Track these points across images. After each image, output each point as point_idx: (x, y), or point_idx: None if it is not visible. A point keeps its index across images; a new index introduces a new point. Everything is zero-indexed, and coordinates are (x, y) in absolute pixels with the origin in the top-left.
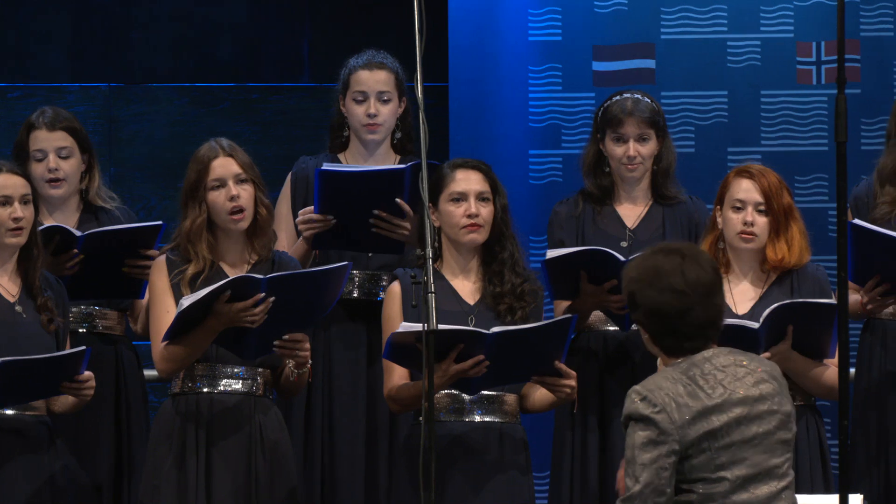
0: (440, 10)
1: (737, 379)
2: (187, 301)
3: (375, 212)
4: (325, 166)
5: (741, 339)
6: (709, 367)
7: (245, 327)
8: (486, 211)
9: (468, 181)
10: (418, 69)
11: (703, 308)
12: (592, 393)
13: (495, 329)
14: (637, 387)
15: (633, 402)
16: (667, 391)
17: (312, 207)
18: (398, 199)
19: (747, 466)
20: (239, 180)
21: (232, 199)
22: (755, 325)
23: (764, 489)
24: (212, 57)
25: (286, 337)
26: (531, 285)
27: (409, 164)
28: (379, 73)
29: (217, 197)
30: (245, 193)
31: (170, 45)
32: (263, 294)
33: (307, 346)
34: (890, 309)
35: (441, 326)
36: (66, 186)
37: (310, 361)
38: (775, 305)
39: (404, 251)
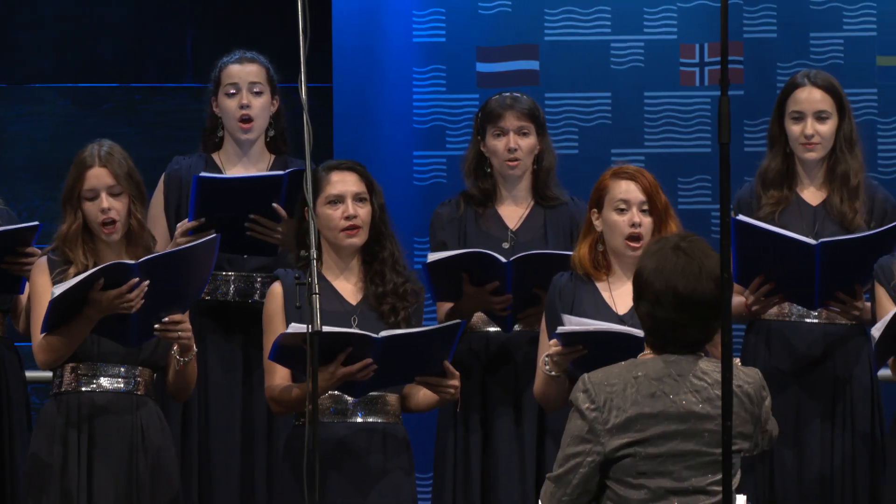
0: (324, 12)
1: (691, 391)
2: (59, 289)
3: (251, 216)
4: (204, 174)
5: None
6: (672, 371)
7: (124, 315)
8: (363, 212)
9: (344, 183)
10: (302, 70)
11: (699, 329)
12: (475, 393)
13: (384, 333)
14: (588, 375)
15: (577, 390)
16: (611, 389)
17: (187, 220)
18: (274, 204)
19: (672, 480)
20: (112, 193)
21: (103, 211)
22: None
23: None
24: (95, 57)
25: (165, 319)
26: (413, 285)
27: (287, 171)
28: (250, 66)
29: (90, 207)
30: (117, 205)
31: (53, 46)
32: (137, 279)
33: (188, 325)
34: (774, 309)
35: (329, 329)
36: None
37: (195, 348)
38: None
39: (278, 254)
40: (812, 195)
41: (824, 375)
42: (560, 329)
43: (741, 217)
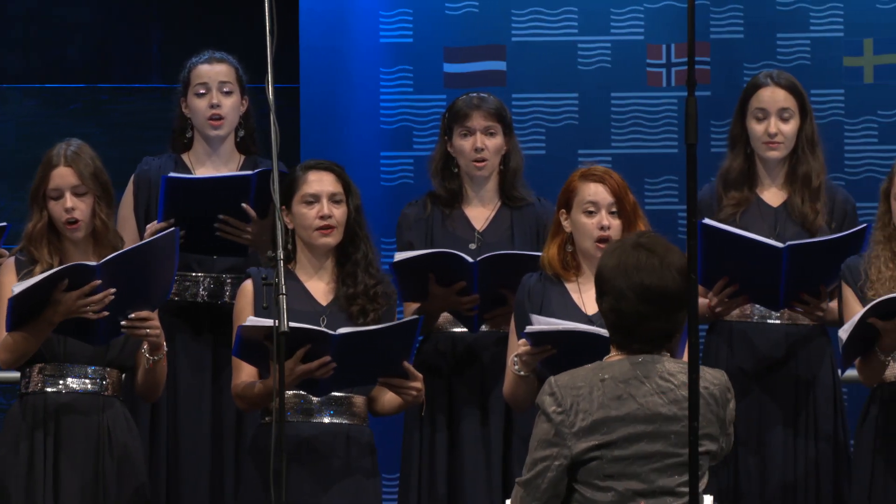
0: (291, 12)
1: (657, 392)
2: (18, 287)
3: (220, 216)
4: (172, 175)
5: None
6: (638, 373)
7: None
8: (339, 212)
9: (321, 183)
10: (269, 70)
11: (664, 321)
12: (441, 394)
13: (341, 330)
14: (554, 378)
15: (544, 393)
16: (577, 392)
17: (157, 222)
18: (243, 205)
19: (639, 481)
20: (76, 193)
21: (67, 210)
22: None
23: None
24: (62, 58)
25: (132, 315)
26: (384, 288)
27: (256, 171)
28: (219, 66)
29: (55, 206)
30: (81, 205)
31: (20, 46)
32: (99, 282)
33: (156, 322)
34: (736, 310)
35: (291, 325)
36: None
37: (164, 346)
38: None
39: (248, 254)
40: (773, 196)
41: (787, 376)
42: (528, 329)
43: (707, 220)
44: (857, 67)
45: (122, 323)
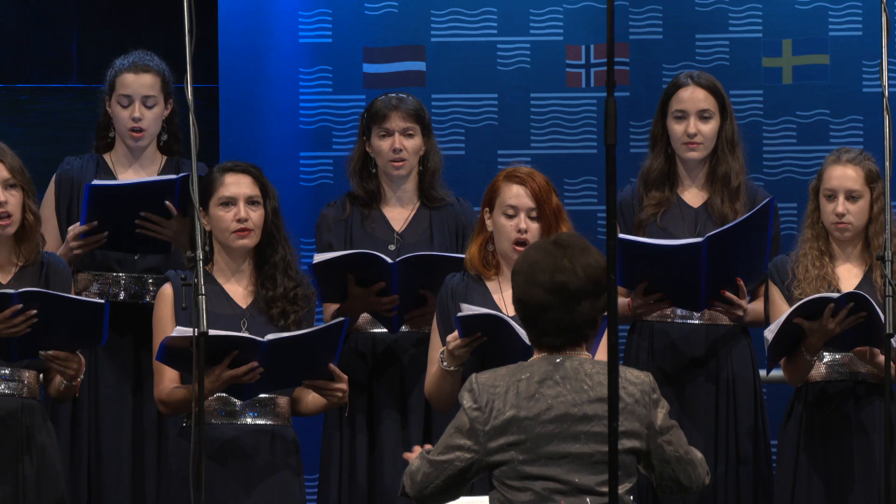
0: (210, 12)
1: (572, 392)
2: None
3: (142, 213)
4: (96, 182)
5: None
6: (556, 374)
7: None
8: (256, 215)
9: (238, 185)
10: (188, 70)
11: (564, 311)
12: (361, 395)
13: (270, 336)
14: (476, 375)
15: (464, 389)
16: (494, 391)
17: (79, 224)
18: (166, 202)
19: (556, 482)
20: (7, 185)
21: (0, 204)
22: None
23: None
24: None
25: (51, 353)
26: (304, 290)
27: (180, 175)
28: (144, 76)
29: None
30: (12, 199)
31: None
32: (21, 306)
33: (76, 364)
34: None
35: (215, 333)
36: None
37: (81, 377)
38: None
39: (170, 252)
40: (693, 196)
41: (707, 376)
42: (460, 314)
43: (623, 235)
44: (775, 68)
45: (41, 353)
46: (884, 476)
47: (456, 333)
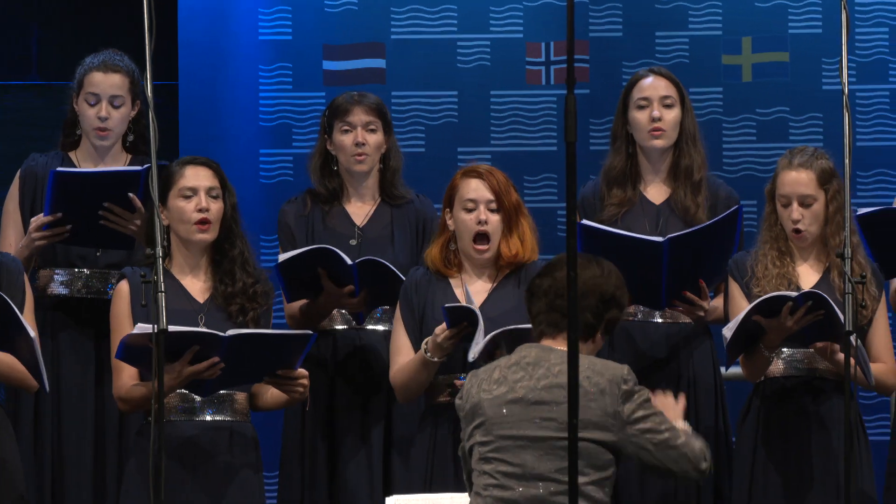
0: (170, 8)
1: (530, 377)
2: None
3: (106, 205)
4: (61, 169)
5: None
6: (522, 361)
7: None
8: (215, 207)
9: (198, 177)
10: (148, 67)
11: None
12: (322, 391)
13: (231, 332)
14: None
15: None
16: (476, 378)
17: (43, 214)
18: (130, 194)
19: (512, 466)
20: None
21: None
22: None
23: (531, 490)
24: None
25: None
26: (263, 286)
27: (145, 166)
28: (113, 76)
29: None
30: None
31: None
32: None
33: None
34: None
35: (176, 328)
36: None
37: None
38: None
39: (134, 247)
40: (656, 192)
41: (669, 375)
42: (448, 304)
43: (585, 221)
44: (735, 66)
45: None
46: (843, 472)
47: (444, 325)
